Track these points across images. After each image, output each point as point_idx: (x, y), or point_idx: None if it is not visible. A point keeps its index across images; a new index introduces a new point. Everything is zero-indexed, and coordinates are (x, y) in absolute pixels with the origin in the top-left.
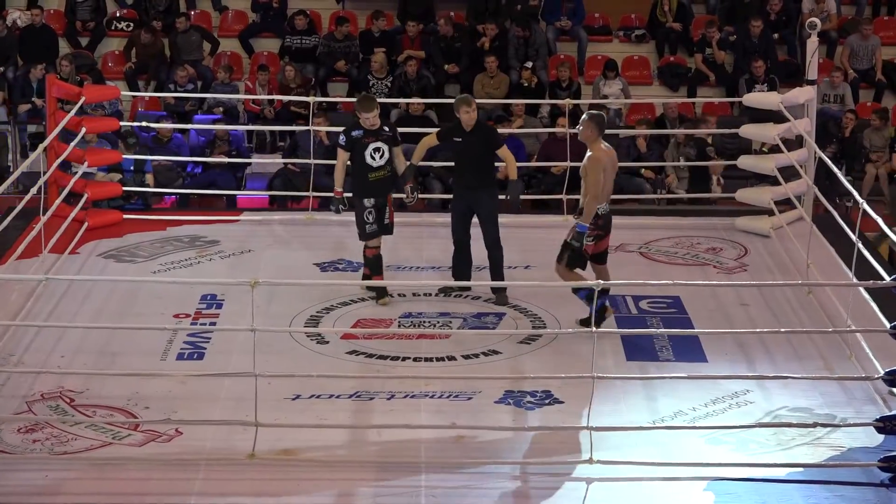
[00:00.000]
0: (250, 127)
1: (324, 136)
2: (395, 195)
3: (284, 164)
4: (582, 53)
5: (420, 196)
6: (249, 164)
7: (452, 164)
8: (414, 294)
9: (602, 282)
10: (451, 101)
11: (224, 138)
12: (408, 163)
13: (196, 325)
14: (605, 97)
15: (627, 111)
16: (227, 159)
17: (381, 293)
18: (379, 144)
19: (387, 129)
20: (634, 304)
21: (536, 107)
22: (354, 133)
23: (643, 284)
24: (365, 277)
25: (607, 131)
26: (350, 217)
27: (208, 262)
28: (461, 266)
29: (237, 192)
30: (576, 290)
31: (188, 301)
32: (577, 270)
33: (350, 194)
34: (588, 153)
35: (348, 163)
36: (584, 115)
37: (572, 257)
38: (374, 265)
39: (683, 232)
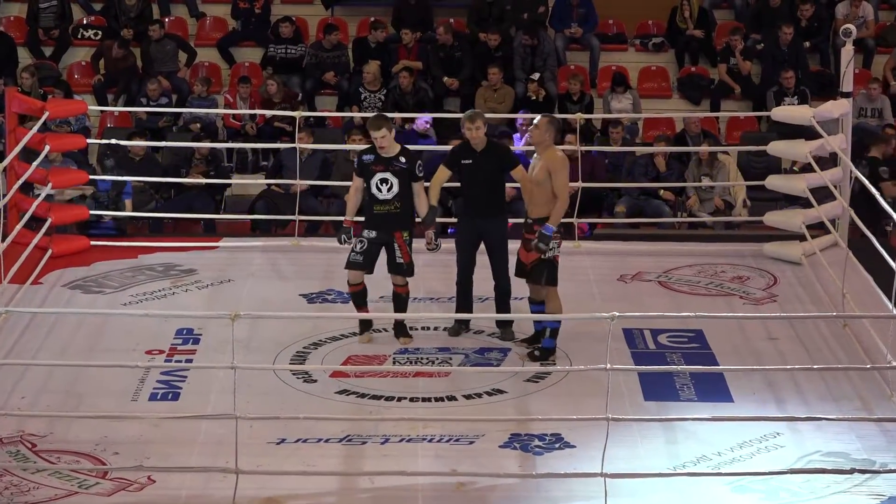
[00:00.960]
0: (230, 144)
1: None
2: (411, 236)
3: (268, 185)
4: (594, 63)
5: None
6: (229, 185)
7: (459, 186)
8: (411, 328)
9: (617, 313)
10: (450, 115)
11: (201, 157)
12: (430, 206)
13: (170, 362)
14: (616, 113)
15: (644, 126)
16: (204, 180)
17: (362, 328)
18: (387, 175)
19: (403, 159)
20: (653, 339)
21: None
22: (366, 158)
23: (662, 317)
24: (397, 322)
25: (623, 149)
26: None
27: (184, 294)
28: (467, 303)
29: (216, 215)
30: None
31: (162, 336)
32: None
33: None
34: (551, 153)
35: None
36: (540, 117)
37: (551, 271)
38: (355, 299)
39: (707, 259)
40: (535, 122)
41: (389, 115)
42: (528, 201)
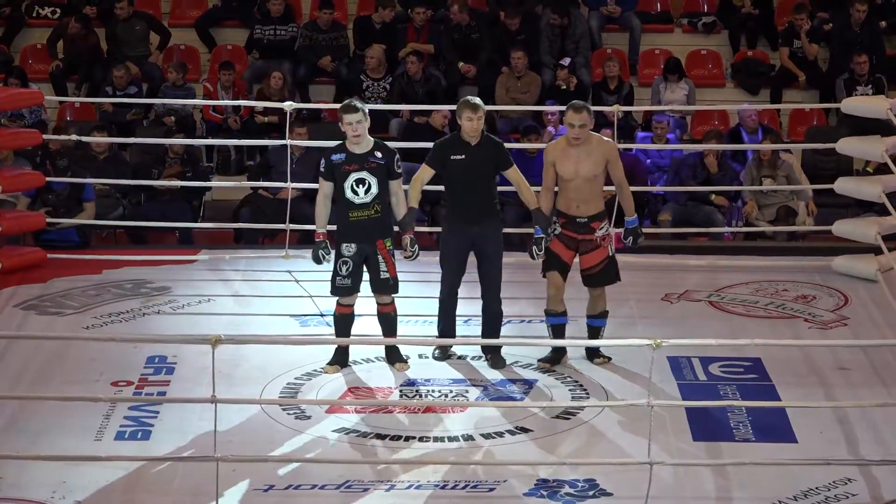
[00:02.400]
0: (210, 141)
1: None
2: (393, 244)
3: (253, 188)
4: (635, 47)
5: (428, 230)
6: (209, 188)
7: (444, 190)
8: (420, 356)
9: (661, 339)
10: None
11: (176, 155)
12: (409, 207)
13: (140, 395)
14: (668, 104)
15: (693, 120)
16: (179, 182)
17: (336, 358)
18: (363, 175)
19: (379, 154)
20: (703, 369)
21: None
22: (335, 157)
23: (714, 344)
24: (390, 349)
25: (669, 146)
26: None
27: (156, 315)
28: (452, 321)
29: (193, 224)
30: (603, 315)
31: (130, 364)
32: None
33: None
34: (599, 141)
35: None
36: (582, 111)
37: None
38: (340, 324)
39: (766, 275)
40: (576, 120)
41: (396, 107)
42: (575, 199)
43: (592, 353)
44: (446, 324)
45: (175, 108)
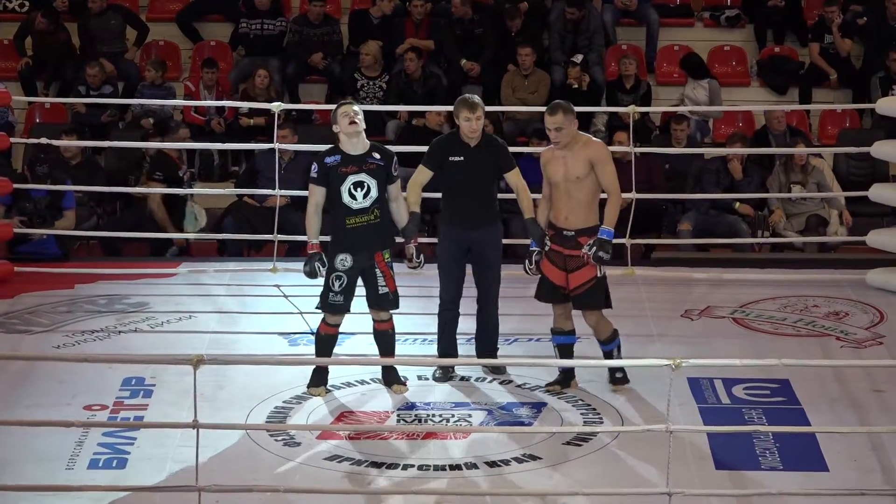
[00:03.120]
0: (192, 144)
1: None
2: (387, 253)
3: (239, 195)
4: (652, 43)
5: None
6: (190, 196)
7: (442, 193)
8: (420, 377)
9: (681, 359)
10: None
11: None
12: (411, 212)
13: (116, 419)
14: (693, 103)
15: (715, 122)
16: (159, 189)
17: (315, 379)
18: (362, 178)
19: (377, 155)
20: (726, 391)
21: (589, 116)
22: (329, 160)
23: (738, 364)
24: (386, 369)
25: (690, 150)
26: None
27: (133, 333)
28: (453, 338)
29: (173, 234)
30: (612, 338)
31: (105, 387)
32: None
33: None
34: (585, 141)
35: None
36: (557, 114)
37: (608, 290)
38: (321, 344)
39: (795, 290)
40: (549, 123)
41: (394, 108)
42: (563, 208)
43: (611, 379)
44: (448, 341)
45: (153, 109)
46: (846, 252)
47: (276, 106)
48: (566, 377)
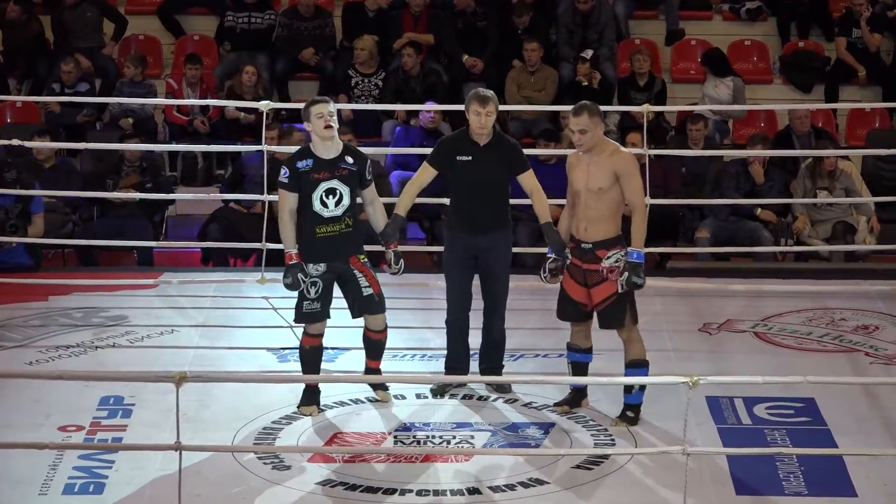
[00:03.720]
0: (174, 146)
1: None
2: (362, 256)
3: (224, 201)
4: (669, 36)
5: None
6: (173, 202)
7: (449, 195)
8: (418, 396)
9: (699, 376)
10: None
11: (134, 164)
12: (395, 214)
13: (93, 441)
14: (713, 102)
15: (735, 122)
16: (138, 195)
17: (306, 398)
18: (334, 184)
19: (350, 160)
20: (747, 410)
21: None
22: (301, 164)
23: (760, 381)
24: (368, 371)
25: (708, 152)
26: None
27: (111, 349)
28: (462, 351)
29: (154, 243)
30: (640, 364)
31: (81, 406)
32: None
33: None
34: (612, 150)
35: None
36: (583, 115)
37: (633, 306)
38: (307, 359)
39: (820, 302)
40: (574, 124)
41: (390, 107)
42: (582, 219)
43: (621, 413)
44: (453, 354)
45: (133, 108)
46: (875, 261)
47: (265, 105)
48: (577, 396)
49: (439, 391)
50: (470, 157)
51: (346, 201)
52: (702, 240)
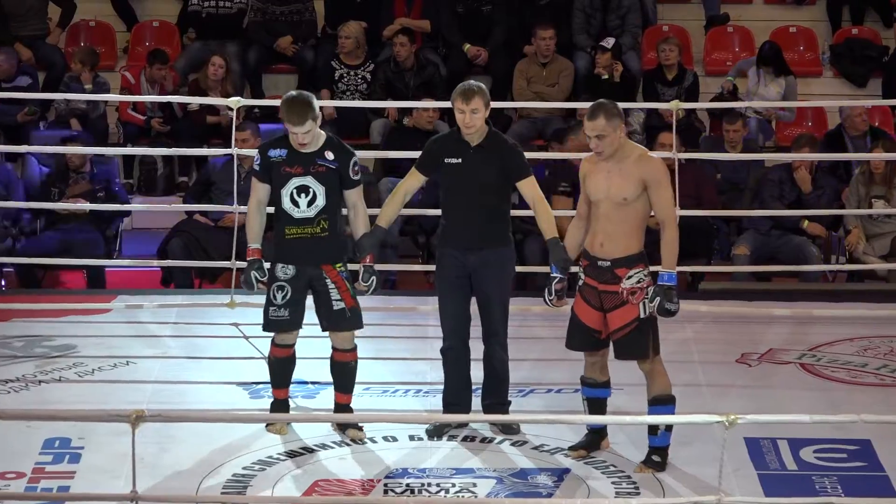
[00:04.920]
0: (129, 150)
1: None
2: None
3: (188, 213)
4: (710, 22)
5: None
6: (128, 213)
7: (441, 206)
8: (411, 437)
9: (736, 415)
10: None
11: (83, 169)
12: (375, 225)
13: (35, 490)
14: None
15: (779, 123)
16: (88, 205)
17: (274, 410)
18: (306, 181)
19: (331, 155)
20: (792, 454)
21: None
22: (273, 153)
23: (807, 421)
24: (338, 407)
25: (747, 156)
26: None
27: (57, 384)
28: (461, 386)
29: (106, 261)
30: (666, 401)
31: (21, 450)
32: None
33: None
34: (639, 154)
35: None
36: (600, 118)
37: (656, 334)
38: (275, 371)
39: (877, 329)
40: (589, 129)
41: (380, 104)
42: (599, 232)
43: (646, 458)
44: (450, 386)
45: (81, 105)
46: None
47: (235, 101)
48: (594, 437)
49: (436, 432)
50: (459, 160)
51: (319, 202)
52: (740, 257)
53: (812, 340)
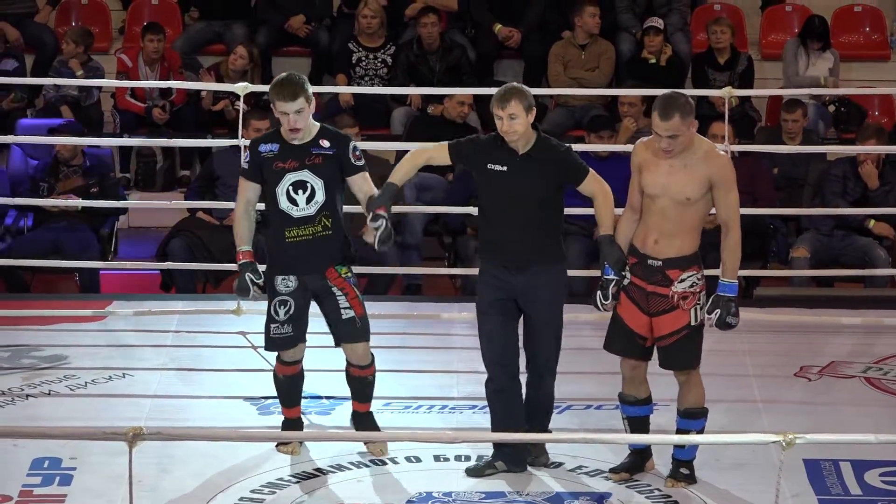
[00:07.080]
0: (127, 140)
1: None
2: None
3: (191, 210)
4: (760, 2)
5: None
6: (125, 211)
7: (478, 215)
8: (436, 458)
9: (795, 434)
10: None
11: (74, 162)
12: (387, 182)
13: None
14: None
15: (836, 111)
16: (81, 202)
17: (286, 428)
18: (303, 176)
19: (326, 143)
20: (856, 478)
21: None
22: (264, 149)
23: (873, 441)
24: (355, 415)
25: (807, 148)
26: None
27: (46, 398)
28: (511, 418)
29: (100, 263)
30: (698, 415)
31: (8, 471)
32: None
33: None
34: (708, 150)
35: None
36: (674, 115)
37: (700, 346)
38: (283, 390)
39: None
40: (662, 129)
41: (403, 90)
42: (654, 230)
43: (672, 472)
44: (499, 415)
45: (74, 91)
46: None
47: (241, 87)
48: (637, 459)
49: (476, 473)
50: (504, 168)
51: (319, 197)
52: (799, 260)
53: (878, 352)
